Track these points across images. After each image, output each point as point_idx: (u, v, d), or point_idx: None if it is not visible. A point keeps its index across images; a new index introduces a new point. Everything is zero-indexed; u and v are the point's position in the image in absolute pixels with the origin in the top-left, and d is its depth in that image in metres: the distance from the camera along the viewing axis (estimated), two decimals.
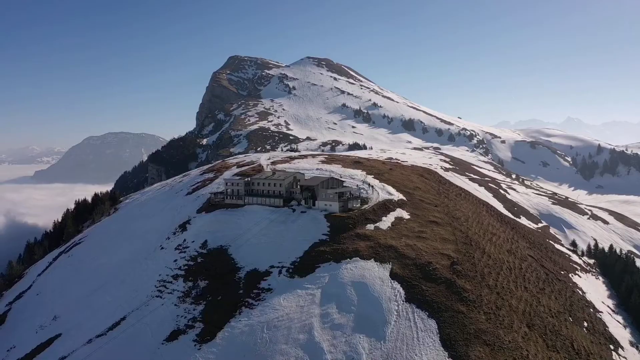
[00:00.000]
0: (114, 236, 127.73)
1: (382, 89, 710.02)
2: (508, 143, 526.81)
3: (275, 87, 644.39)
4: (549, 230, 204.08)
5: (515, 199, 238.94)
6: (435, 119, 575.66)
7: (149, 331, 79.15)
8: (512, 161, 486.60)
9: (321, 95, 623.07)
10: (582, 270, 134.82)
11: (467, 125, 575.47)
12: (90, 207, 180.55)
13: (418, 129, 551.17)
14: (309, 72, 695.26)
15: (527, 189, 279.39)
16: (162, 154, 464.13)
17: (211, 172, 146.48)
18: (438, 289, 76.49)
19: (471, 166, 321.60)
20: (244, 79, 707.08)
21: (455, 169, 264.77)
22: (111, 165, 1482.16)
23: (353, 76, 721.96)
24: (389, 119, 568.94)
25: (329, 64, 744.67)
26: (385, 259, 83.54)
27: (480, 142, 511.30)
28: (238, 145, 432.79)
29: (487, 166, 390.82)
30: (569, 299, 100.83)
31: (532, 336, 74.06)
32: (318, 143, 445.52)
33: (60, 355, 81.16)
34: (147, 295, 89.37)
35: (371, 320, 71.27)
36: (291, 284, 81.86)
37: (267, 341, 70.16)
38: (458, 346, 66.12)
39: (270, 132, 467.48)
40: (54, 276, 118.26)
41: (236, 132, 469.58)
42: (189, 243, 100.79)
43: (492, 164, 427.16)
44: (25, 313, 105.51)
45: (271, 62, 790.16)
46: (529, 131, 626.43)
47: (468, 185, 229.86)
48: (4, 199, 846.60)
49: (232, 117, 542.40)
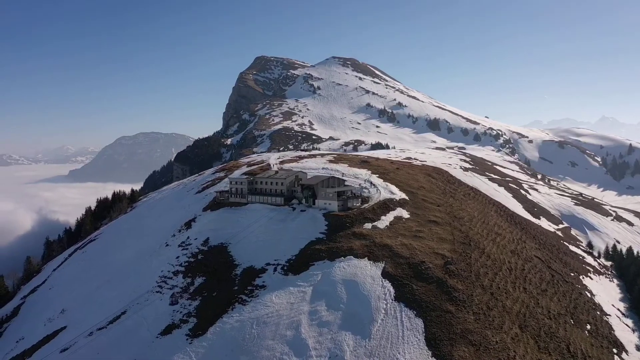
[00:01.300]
0: (125, 233, 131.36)
1: (407, 88, 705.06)
2: (535, 143, 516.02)
3: (300, 87, 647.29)
4: (569, 232, 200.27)
5: (536, 200, 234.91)
6: (461, 118, 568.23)
7: (145, 325, 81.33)
8: (540, 161, 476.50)
9: (346, 95, 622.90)
10: (595, 272, 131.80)
11: (494, 124, 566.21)
12: (109, 205, 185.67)
13: (443, 128, 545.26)
14: (334, 71, 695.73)
15: (549, 190, 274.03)
16: (187, 153, 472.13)
17: (222, 172, 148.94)
18: (429, 289, 76.31)
19: (493, 166, 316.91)
20: (270, 79, 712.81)
21: (475, 168, 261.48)
22: (142, 165, 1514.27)
23: (378, 75, 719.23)
24: (414, 118, 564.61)
25: (354, 63, 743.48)
26: (379, 258, 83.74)
27: (506, 142, 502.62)
28: (261, 145, 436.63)
29: (512, 166, 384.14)
30: (573, 301, 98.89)
31: (523, 337, 73.15)
32: (340, 143, 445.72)
33: (62, 347, 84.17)
34: (148, 290, 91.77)
35: (358, 318, 71.66)
36: (285, 281, 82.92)
37: (255, 336, 71.37)
38: (442, 345, 65.92)
39: (293, 132, 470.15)
40: (66, 271, 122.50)
41: (260, 132, 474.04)
42: (192, 240, 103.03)
43: (518, 164, 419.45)
44: (37, 306, 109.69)
45: (297, 62, 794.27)
46: (558, 131, 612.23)
47: (487, 185, 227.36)
48: (39, 197, 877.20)
49: (256, 117, 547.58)
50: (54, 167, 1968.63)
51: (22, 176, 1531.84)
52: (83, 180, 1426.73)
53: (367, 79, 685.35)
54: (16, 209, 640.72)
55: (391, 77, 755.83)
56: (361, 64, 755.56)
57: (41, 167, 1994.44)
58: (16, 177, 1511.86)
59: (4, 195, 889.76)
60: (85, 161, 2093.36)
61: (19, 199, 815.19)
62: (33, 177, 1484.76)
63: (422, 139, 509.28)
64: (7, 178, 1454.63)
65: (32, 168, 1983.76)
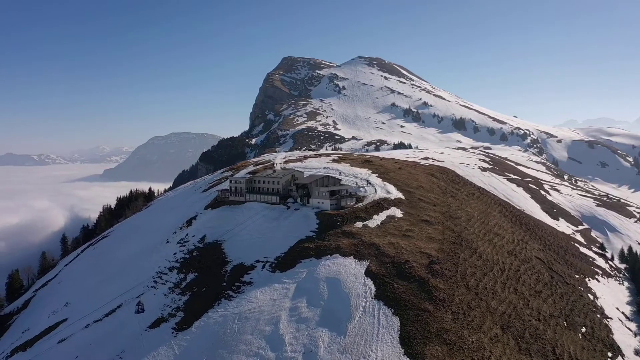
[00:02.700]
0: (133, 230, 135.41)
1: (434, 87, 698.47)
2: (564, 143, 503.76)
3: (326, 87, 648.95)
4: (589, 233, 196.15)
5: (556, 201, 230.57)
6: (488, 117, 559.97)
7: (137, 318, 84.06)
8: (568, 161, 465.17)
9: (371, 95, 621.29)
10: (604, 274, 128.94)
11: (522, 124, 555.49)
12: (126, 203, 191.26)
13: (469, 128, 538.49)
14: (360, 71, 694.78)
15: (572, 191, 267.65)
16: (212, 153, 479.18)
17: (230, 171, 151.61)
18: (409, 287, 76.49)
19: (516, 166, 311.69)
20: (297, 80, 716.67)
21: (493, 168, 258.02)
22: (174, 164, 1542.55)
23: (404, 75, 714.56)
24: (439, 118, 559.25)
25: (380, 63, 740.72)
26: (364, 257, 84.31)
27: (534, 142, 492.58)
28: (284, 145, 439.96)
29: (537, 166, 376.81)
30: (571, 303, 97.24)
31: (503, 338, 72.56)
32: (363, 143, 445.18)
33: (60, 338, 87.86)
34: (144, 285, 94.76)
35: (337, 315, 72.46)
36: (271, 278, 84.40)
37: (235, 331, 73.04)
38: (415, 344, 66.11)
39: (316, 132, 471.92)
40: (76, 267, 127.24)
41: (283, 131, 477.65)
42: (190, 237, 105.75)
43: (545, 164, 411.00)
44: (45, 300, 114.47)
45: (324, 62, 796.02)
46: (589, 130, 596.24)
47: (505, 185, 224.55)
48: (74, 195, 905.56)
49: (281, 117, 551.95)
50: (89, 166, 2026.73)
51: (58, 175, 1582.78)
52: (117, 179, 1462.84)
53: (393, 78, 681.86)
54: (51, 207, 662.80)
55: (418, 77, 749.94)
56: (387, 63, 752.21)
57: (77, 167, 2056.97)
58: (53, 176, 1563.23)
59: (40, 194, 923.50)
60: (120, 161, 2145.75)
61: (54, 197, 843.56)
62: (69, 177, 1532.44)
63: (447, 138, 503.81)
64: (44, 177, 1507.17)
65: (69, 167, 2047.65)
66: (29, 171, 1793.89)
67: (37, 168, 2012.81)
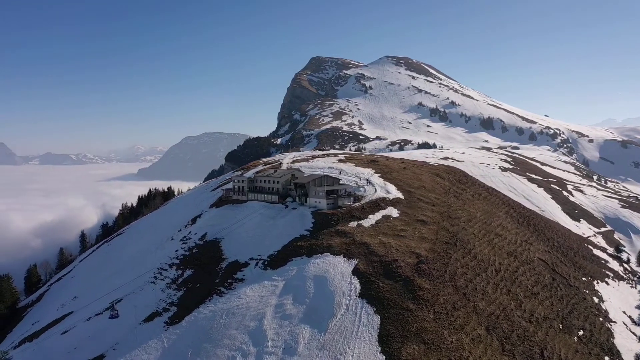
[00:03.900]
0: (145, 228, 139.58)
1: (462, 86, 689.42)
2: (596, 142, 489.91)
3: (352, 87, 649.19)
4: (612, 235, 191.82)
5: (578, 202, 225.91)
6: (517, 117, 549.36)
7: (134, 312, 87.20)
8: (600, 162, 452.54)
9: (397, 95, 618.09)
10: (615, 277, 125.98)
11: (552, 123, 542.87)
12: (145, 202, 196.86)
13: (497, 127, 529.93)
14: (387, 71, 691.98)
15: (597, 191, 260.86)
16: (237, 153, 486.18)
17: (241, 170, 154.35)
18: (394, 286, 76.92)
19: (541, 167, 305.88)
20: (324, 80, 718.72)
21: (515, 169, 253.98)
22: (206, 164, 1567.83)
23: (432, 74, 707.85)
24: (467, 117, 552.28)
25: (408, 62, 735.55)
26: (354, 255, 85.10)
27: (564, 142, 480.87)
28: (308, 144, 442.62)
29: (565, 167, 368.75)
30: (570, 305, 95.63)
31: (487, 339, 72.20)
32: (387, 142, 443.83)
33: (64, 330, 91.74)
34: (145, 280, 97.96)
35: (319, 312, 73.56)
36: (262, 275, 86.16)
37: (221, 326, 75.07)
38: (393, 342, 66.62)
39: (340, 132, 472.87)
40: (89, 262, 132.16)
41: (308, 131, 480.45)
42: (192, 235, 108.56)
43: (574, 164, 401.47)
44: (57, 293, 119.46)
45: (351, 62, 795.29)
46: (623, 130, 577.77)
47: (525, 185, 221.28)
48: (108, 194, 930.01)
49: (307, 117, 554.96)
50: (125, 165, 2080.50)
51: (95, 174, 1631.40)
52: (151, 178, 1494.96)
53: (420, 77, 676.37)
54: (86, 205, 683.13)
55: (446, 76, 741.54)
56: (415, 62, 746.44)
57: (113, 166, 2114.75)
58: (90, 175, 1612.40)
59: (77, 192, 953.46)
60: (154, 160, 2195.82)
61: (90, 195, 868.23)
62: (105, 175, 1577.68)
63: (474, 138, 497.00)
64: (81, 176, 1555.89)
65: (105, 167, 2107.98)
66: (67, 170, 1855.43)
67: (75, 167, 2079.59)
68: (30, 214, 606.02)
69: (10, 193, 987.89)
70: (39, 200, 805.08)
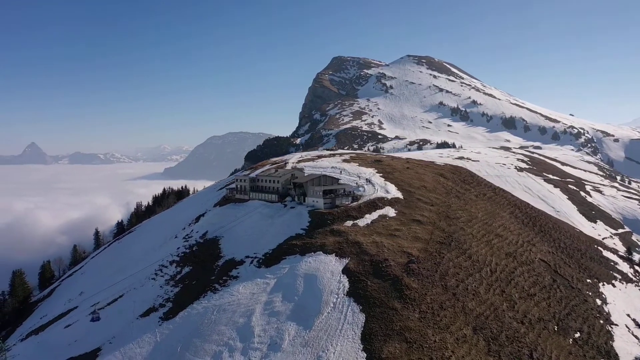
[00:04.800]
0: (153, 226, 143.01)
1: (485, 85, 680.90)
2: (622, 142, 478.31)
3: (373, 87, 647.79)
4: (629, 237, 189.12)
5: (596, 202, 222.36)
6: (540, 116, 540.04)
7: (133, 307, 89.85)
8: (625, 161, 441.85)
9: (418, 94, 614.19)
10: (623, 279, 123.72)
11: (576, 122, 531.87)
12: (159, 201, 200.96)
13: (519, 127, 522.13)
14: (408, 70, 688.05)
15: (617, 192, 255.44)
16: (257, 152, 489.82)
17: (249, 170, 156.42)
18: (382, 285, 77.45)
19: (561, 167, 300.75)
20: (345, 79, 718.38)
21: (531, 169, 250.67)
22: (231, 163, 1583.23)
23: (454, 73, 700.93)
24: (488, 117, 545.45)
25: (430, 61, 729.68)
26: (346, 254, 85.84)
27: (588, 141, 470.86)
28: (327, 144, 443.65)
29: (588, 167, 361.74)
30: (569, 307, 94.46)
31: (473, 339, 72.14)
32: (405, 142, 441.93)
33: (67, 323, 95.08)
34: (146, 277, 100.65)
35: (307, 310, 74.61)
36: (256, 273, 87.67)
37: (212, 322, 76.84)
38: (375, 341, 67.21)
39: (359, 132, 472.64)
40: (99, 259, 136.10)
41: (327, 131, 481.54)
42: (194, 233, 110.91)
43: (598, 164, 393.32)
44: (66, 288, 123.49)
45: (373, 61, 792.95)
46: None
47: (540, 186, 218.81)
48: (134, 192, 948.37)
49: (326, 116, 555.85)
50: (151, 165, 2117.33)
51: (122, 173, 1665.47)
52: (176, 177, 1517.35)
53: (442, 77, 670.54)
54: (110, 203, 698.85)
55: (468, 75, 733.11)
56: (436, 61, 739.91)
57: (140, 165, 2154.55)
58: (117, 174, 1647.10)
59: (104, 191, 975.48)
60: (180, 159, 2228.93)
61: (116, 194, 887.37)
62: (132, 175, 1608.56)
63: (495, 138, 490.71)
64: (109, 175, 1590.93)
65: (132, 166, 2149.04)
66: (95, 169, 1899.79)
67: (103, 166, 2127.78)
68: (57, 212, 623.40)
69: (40, 192, 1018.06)
70: (67, 198, 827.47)
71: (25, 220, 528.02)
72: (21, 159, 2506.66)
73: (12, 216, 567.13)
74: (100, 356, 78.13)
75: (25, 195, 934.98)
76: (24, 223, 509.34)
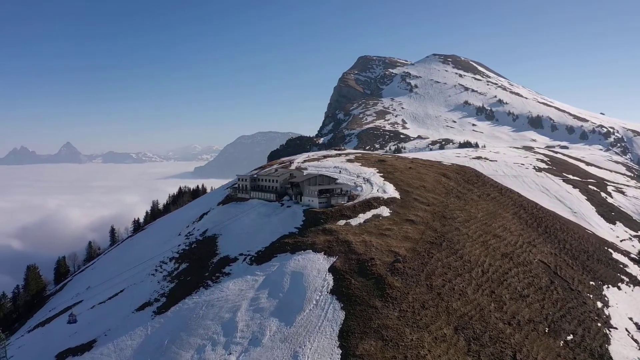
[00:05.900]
0: (162, 224, 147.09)
1: (512, 84, 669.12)
2: None
3: (397, 86, 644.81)
4: None
5: (617, 203, 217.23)
6: (568, 115, 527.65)
7: (131, 301, 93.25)
8: None
9: (443, 93, 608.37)
10: (630, 282, 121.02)
11: (606, 121, 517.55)
12: (175, 200, 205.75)
13: (546, 126, 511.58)
14: (433, 69, 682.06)
15: None
16: (279, 152, 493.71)
17: (258, 169, 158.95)
18: (365, 284, 78.36)
19: (584, 167, 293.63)
20: (371, 79, 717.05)
21: (551, 169, 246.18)
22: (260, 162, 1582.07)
23: (480, 72, 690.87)
24: (514, 116, 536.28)
25: (455, 60, 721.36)
26: (334, 253, 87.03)
27: (618, 141, 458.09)
28: (349, 143, 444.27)
29: (615, 167, 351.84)
30: (565, 309, 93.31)
31: (453, 339, 72.37)
32: (428, 142, 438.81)
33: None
34: (147, 272, 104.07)
35: (290, 306, 76.20)
36: (247, 270, 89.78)
37: (200, 316, 79.30)
38: (352, 338, 68.24)
39: (381, 131, 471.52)
40: (110, 255, 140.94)
41: (349, 130, 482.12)
42: (195, 231, 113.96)
43: (626, 164, 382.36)
44: (76, 283, 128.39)
45: (399, 60, 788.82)
46: None
47: (559, 186, 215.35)
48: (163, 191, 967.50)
49: (350, 116, 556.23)
50: (182, 164, 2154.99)
51: (153, 172, 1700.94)
52: (206, 176, 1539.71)
53: (468, 75, 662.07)
54: (139, 202, 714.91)
55: (495, 73, 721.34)
56: (463, 60, 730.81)
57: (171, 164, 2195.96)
58: (148, 173, 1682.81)
59: (134, 189, 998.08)
60: (210, 159, 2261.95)
61: (145, 193, 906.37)
62: (162, 174, 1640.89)
63: (520, 137, 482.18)
64: (140, 174, 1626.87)
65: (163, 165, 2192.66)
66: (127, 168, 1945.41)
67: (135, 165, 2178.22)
68: (88, 209, 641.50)
69: (73, 190, 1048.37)
70: (98, 197, 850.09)
71: (57, 217, 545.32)
72: (57, 158, 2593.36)
73: (44, 213, 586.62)
74: (94, 347, 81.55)
75: (59, 193, 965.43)
76: (55, 220, 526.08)
